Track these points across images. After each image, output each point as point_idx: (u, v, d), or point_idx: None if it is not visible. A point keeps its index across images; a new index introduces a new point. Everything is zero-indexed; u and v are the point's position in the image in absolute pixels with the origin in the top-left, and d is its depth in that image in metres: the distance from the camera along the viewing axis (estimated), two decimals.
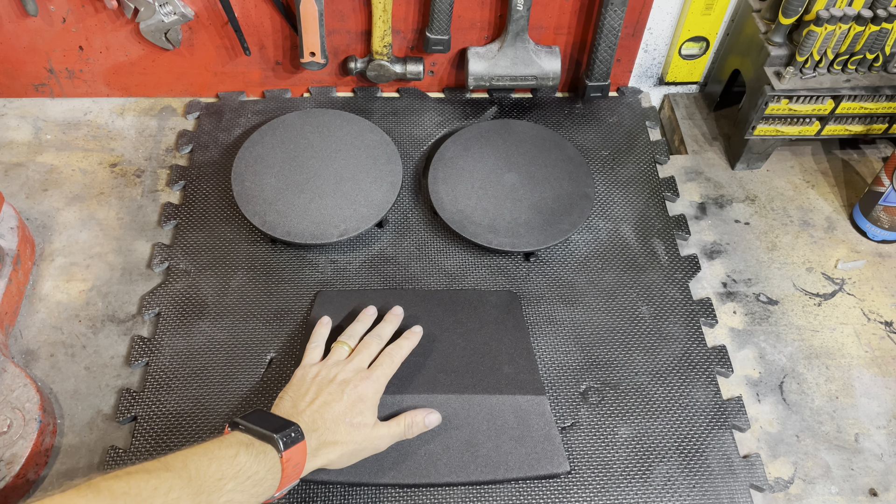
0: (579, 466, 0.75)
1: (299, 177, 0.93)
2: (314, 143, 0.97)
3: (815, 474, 0.77)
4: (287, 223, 0.89)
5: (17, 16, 0.95)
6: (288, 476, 0.62)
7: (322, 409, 0.68)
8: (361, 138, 0.98)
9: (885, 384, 0.83)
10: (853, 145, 1.07)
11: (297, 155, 0.95)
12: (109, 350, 0.82)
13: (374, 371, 0.73)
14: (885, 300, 0.91)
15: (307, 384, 0.71)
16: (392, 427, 0.71)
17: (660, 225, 0.95)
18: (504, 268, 0.90)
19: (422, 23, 1.00)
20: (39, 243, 0.91)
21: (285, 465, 0.62)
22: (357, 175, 0.94)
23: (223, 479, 0.57)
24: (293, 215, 0.89)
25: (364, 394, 0.70)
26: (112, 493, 0.52)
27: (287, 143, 0.96)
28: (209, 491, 0.56)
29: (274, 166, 0.94)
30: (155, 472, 0.55)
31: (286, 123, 0.98)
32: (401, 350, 0.76)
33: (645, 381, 0.81)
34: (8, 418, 0.72)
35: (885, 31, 0.88)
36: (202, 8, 0.96)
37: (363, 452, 0.70)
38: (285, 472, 0.62)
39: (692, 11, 1.02)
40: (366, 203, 0.91)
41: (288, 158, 0.95)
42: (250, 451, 0.60)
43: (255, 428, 0.63)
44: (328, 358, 0.74)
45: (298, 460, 0.63)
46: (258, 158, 0.94)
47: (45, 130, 1.03)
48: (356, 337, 0.77)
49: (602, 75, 1.05)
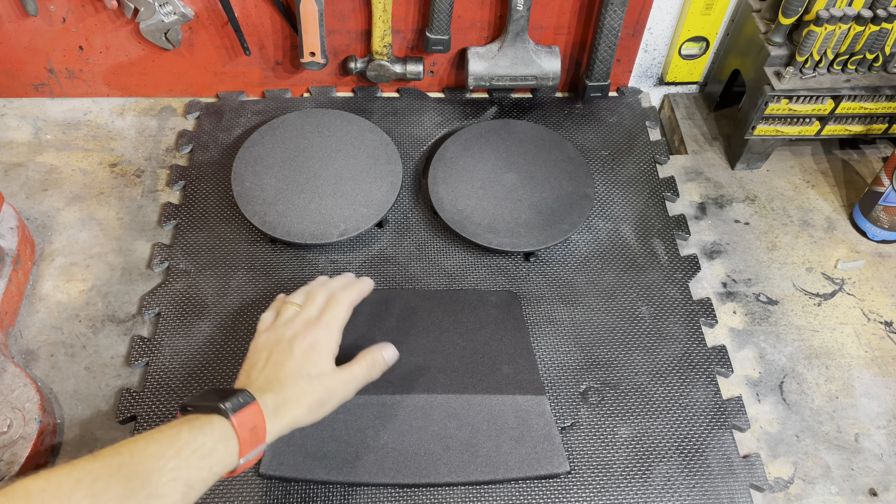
0: (579, 466, 0.75)
1: (299, 177, 0.93)
2: (314, 143, 0.97)
3: (815, 474, 0.77)
4: (287, 223, 0.89)
5: (17, 16, 0.95)
6: (247, 441, 0.59)
7: (275, 370, 0.65)
8: (361, 138, 0.98)
9: (885, 384, 0.83)
10: (853, 145, 1.07)
11: (297, 155, 0.95)
12: (109, 350, 0.82)
13: (323, 317, 0.70)
14: (885, 300, 0.91)
15: (259, 352, 0.68)
16: (354, 370, 0.69)
17: (660, 225, 0.95)
18: (504, 268, 0.90)
19: (422, 23, 1.00)
20: (39, 243, 0.91)
21: (239, 429, 0.59)
22: (357, 175, 0.94)
23: (163, 458, 0.54)
24: (293, 215, 0.89)
25: (315, 342, 0.68)
26: (27, 494, 0.50)
27: (287, 143, 0.96)
28: (146, 473, 0.53)
29: (274, 166, 0.94)
30: (80, 465, 0.52)
31: (286, 123, 0.98)
32: (348, 294, 0.72)
33: (645, 381, 0.81)
34: (8, 418, 0.72)
35: (885, 31, 0.88)
36: (202, 8, 0.96)
37: (331, 401, 0.67)
38: (241, 436, 0.59)
39: (692, 11, 1.02)
40: (366, 203, 0.91)
41: (288, 158, 0.95)
42: (193, 425, 0.57)
43: (201, 404, 0.61)
44: (276, 320, 0.71)
45: (255, 423, 0.60)
46: (258, 158, 0.94)
47: (45, 130, 1.03)
48: (303, 293, 0.74)
49: (602, 75, 1.05)
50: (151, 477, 0.53)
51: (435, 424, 0.75)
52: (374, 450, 0.73)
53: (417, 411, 0.76)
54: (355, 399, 0.76)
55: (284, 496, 0.72)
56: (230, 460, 0.59)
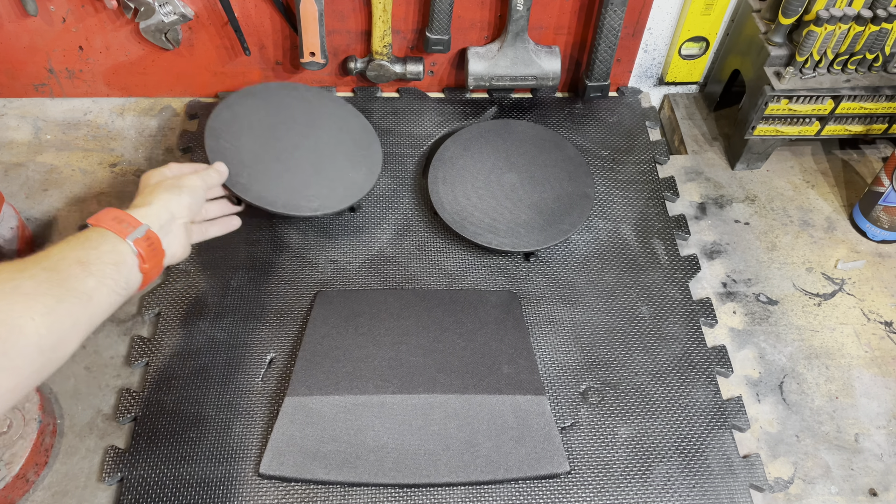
0: (579, 466, 0.75)
1: (278, 144, 0.90)
2: (296, 116, 0.94)
3: (815, 474, 0.77)
4: (260, 188, 0.85)
5: (17, 16, 0.95)
6: (118, 218, 0.67)
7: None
8: (346, 121, 0.97)
9: (885, 384, 0.83)
10: (853, 145, 1.07)
11: (277, 124, 0.92)
12: (109, 350, 0.82)
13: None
14: (884, 300, 0.91)
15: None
16: (194, 176, 0.76)
17: (660, 225, 0.95)
18: (504, 268, 0.90)
19: (422, 23, 1.00)
20: (39, 243, 0.91)
21: (103, 216, 0.66)
22: (337, 155, 0.93)
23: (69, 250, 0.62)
24: (267, 181, 0.87)
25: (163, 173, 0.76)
26: None
27: (269, 110, 0.93)
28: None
29: (253, 129, 0.90)
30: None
31: (269, 91, 0.95)
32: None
33: (645, 381, 0.81)
34: (8, 418, 0.72)
35: (884, 31, 0.88)
36: (202, 8, 0.96)
37: (185, 188, 0.74)
38: (104, 219, 0.66)
39: (692, 11, 1.02)
40: (343, 184, 0.91)
41: (269, 125, 0.92)
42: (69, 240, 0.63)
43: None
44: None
45: (118, 214, 0.67)
46: (237, 117, 0.90)
47: (45, 130, 1.03)
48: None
49: (602, 75, 1.05)
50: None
51: (435, 424, 0.75)
52: (374, 450, 0.73)
53: (417, 411, 0.76)
54: (355, 399, 0.76)
55: (284, 496, 0.72)
56: (120, 246, 0.65)
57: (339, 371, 0.78)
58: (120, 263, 0.64)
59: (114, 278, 0.62)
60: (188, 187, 0.75)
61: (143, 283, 0.67)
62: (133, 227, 0.67)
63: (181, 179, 0.75)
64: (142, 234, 0.67)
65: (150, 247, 0.67)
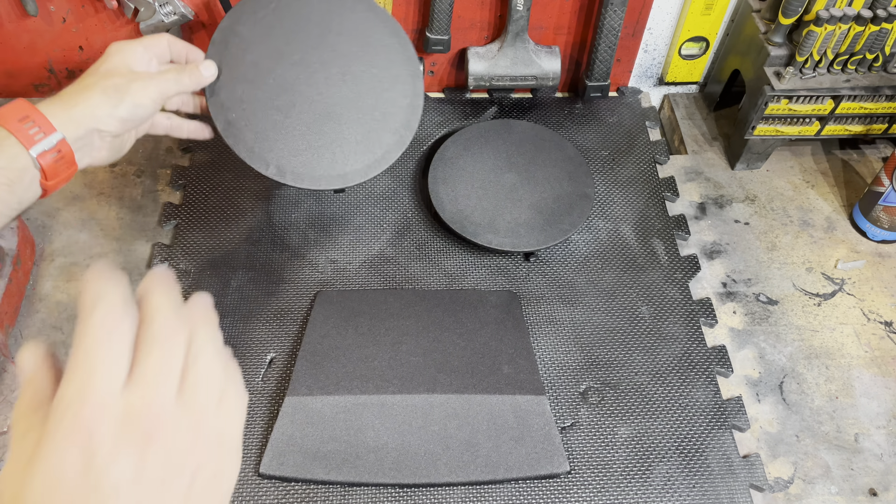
0: (579, 466, 0.75)
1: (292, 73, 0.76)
2: (311, 32, 0.78)
3: (815, 474, 0.77)
4: (256, 129, 0.75)
5: (17, 16, 0.95)
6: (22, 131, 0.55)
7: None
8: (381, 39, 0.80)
9: (885, 384, 0.83)
10: (853, 145, 1.07)
11: (290, 40, 0.77)
12: None
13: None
14: (884, 300, 0.91)
15: None
16: (151, 83, 0.63)
17: (660, 225, 0.95)
18: (504, 268, 0.90)
19: (422, 23, 1.00)
20: (39, 243, 0.91)
21: (9, 113, 0.55)
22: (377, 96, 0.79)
23: None
24: (286, 144, 0.77)
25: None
26: None
27: (285, 20, 0.77)
28: None
29: (270, 49, 0.76)
30: None
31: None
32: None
33: (645, 381, 0.81)
34: (8, 418, 0.72)
35: (885, 31, 0.88)
36: (202, 8, 0.96)
37: (129, 88, 0.62)
38: (9, 118, 0.55)
39: (692, 11, 1.02)
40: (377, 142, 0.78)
41: (279, 46, 0.76)
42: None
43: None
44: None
45: (29, 111, 0.56)
46: (259, 24, 0.77)
47: None
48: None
49: (602, 75, 1.05)
50: None
51: (435, 424, 0.75)
52: (374, 450, 0.73)
53: (417, 411, 0.76)
54: (355, 399, 0.76)
55: (284, 496, 0.72)
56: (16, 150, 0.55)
57: (339, 371, 0.78)
58: (15, 182, 0.54)
59: (4, 200, 0.53)
60: (133, 97, 0.61)
61: (43, 196, 0.58)
62: (44, 133, 0.55)
63: (134, 81, 0.62)
64: (51, 144, 0.56)
65: (58, 161, 0.56)
